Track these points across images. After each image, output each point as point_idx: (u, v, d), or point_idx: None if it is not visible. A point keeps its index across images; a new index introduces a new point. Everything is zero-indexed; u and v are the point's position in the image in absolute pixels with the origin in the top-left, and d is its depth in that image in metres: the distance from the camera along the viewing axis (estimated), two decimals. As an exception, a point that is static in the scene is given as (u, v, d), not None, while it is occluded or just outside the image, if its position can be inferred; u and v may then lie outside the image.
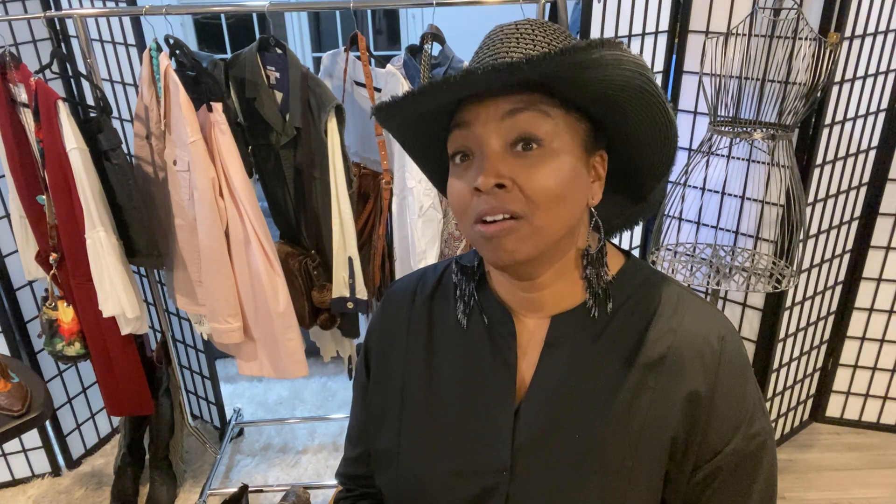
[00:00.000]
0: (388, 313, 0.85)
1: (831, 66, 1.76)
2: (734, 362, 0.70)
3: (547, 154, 0.64)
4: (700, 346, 0.69)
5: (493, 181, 0.63)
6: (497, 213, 0.64)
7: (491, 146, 0.64)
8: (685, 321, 0.71)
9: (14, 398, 1.53)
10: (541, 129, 0.64)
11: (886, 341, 2.37)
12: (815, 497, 2.20)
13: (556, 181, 0.64)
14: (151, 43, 1.67)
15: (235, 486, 2.08)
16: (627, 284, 0.74)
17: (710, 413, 0.69)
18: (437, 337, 0.80)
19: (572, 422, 0.71)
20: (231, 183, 1.73)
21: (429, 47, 1.75)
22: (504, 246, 0.65)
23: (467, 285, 0.78)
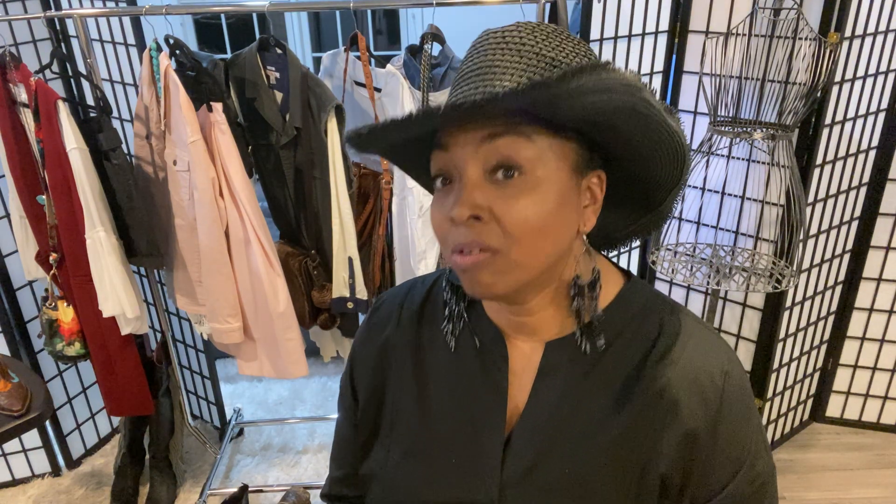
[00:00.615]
0: (374, 331, 0.81)
1: (831, 66, 1.76)
2: (737, 400, 0.66)
3: (529, 183, 0.59)
4: (701, 382, 0.65)
5: (467, 213, 0.59)
6: (472, 246, 0.60)
7: (468, 173, 0.60)
8: (686, 354, 0.67)
9: (14, 398, 1.53)
10: (522, 154, 0.59)
11: (886, 341, 2.37)
12: (815, 497, 2.20)
13: (536, 213, 0.59)
14: (151, 43, 1.67)
15: (235, 486, 2.08)
16: (625, 311, 0.69)
17: (710, 454, 0.65)
18: (425, 356, 0.76)
19: (563, 455, 0.68)
20: (231, 183, 1.73)
21: (429, 47, 1.75)
22: (479, 280, 0.61)
23: (458, 305, 0.74)
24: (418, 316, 0.78)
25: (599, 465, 0.67)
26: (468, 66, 0.63)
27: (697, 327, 0.69)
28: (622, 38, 1.90)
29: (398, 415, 0.76)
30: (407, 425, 0.75)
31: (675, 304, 0.72)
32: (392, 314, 0.80)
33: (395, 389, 0.77)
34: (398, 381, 0.77)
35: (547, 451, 0.68)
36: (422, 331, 0.77)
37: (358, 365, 0.82)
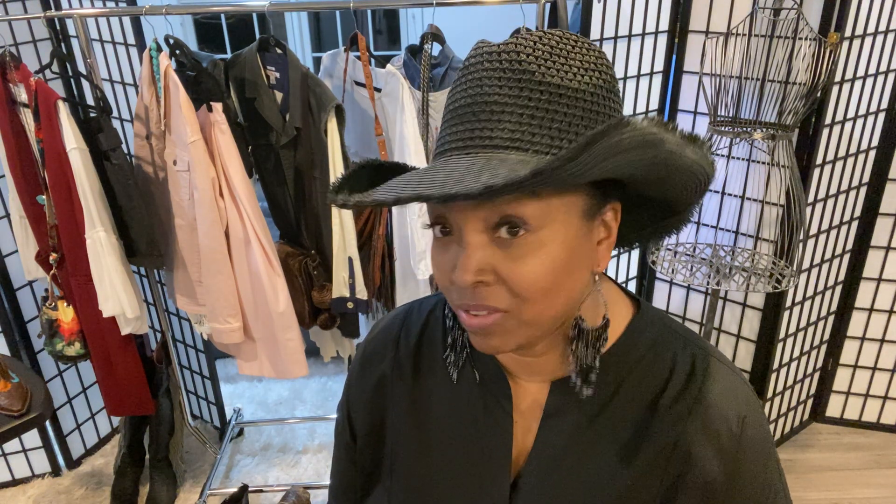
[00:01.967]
0: (370, 364, 0.76)
1: (831, 66, 1.76)
2: (756, 447, 0.63)
3: (535, 240, 0.54)
4: (717, 429, 0.61)
5: (471, 279, 0.54)
6: (479, 309, 0.56)
7: (468, 233, 0.54)
8: (701, 398, 0.62)
9: (14, 398, 1.53)
10: (526, 211, 0.53)
11: (886, 341, 2.37)
12: (815, 497, 2.20)
13: (546, 272, 0.54)
14: (151, 43, 1.67)
15: (235, 486, 2.08)
16: (635, 348, 0.65)
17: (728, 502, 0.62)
18: (424, 391, 0.72)
19: (570, 500, 0.64)
20: (231, 183, 1.73)
21: (429, 47, 1.75)
22: (488, 342, 0.58)
23: (461, 335, 0.69)
24: (416, 347, 0.73)
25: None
26: (461, 95, 0.56)
27: (712, 368, 0.64)
28: (622, 38, 1.90)
29: (398, 455, 0.73)
30: (407, 467, 0.72)
31: (687, 336, 0.67)
32: (388, 346, 0.75)
33: (393, 428, 0.73)
34: (396, 419, 0.73)
35: (554, 496, 0.65)
36: (420, 364, 0.73)
37: (354, 401, 0.78)
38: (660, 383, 0.63)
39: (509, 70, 0.53)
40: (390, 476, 0.73)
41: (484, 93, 0.54)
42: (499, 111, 0.53)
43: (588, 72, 0.55)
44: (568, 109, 0.54)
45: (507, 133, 0.53)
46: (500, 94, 0.53)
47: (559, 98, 0.53)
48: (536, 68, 0.53)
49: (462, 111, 0.55)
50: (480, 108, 0.54)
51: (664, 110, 2.14)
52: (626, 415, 0.63)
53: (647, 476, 0.62)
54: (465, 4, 1.73)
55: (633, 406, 0.63)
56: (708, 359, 0.64)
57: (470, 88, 0.55)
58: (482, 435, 0.68)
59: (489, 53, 0.55)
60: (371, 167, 0.63)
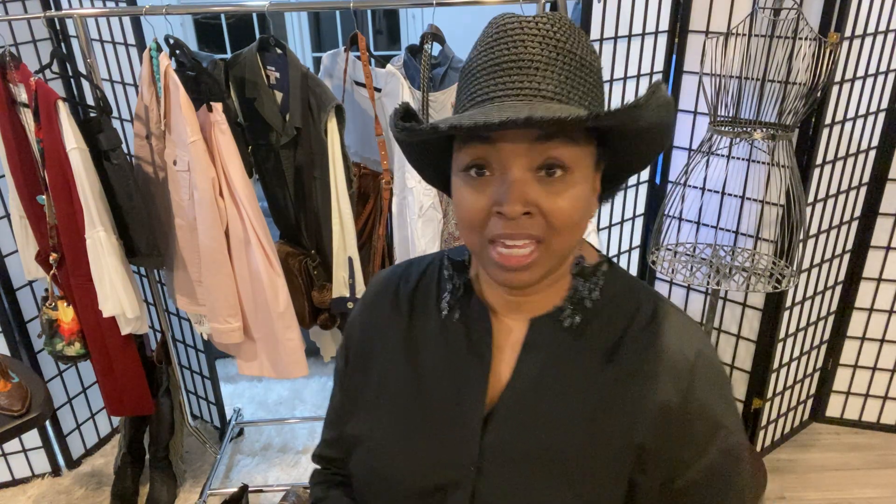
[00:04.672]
0: (370, 304, 0.86)
1: (831, 66, 1.76)
2: (709, 376, 0.70)
3: (569, 180, 0.64)
4: (675, 358, 0.69)
5: (520, 209, 0.62)
6: (519, 238, 0.64)
7: (516, 170, 0.63)
8: (661, 332, 0.71)
9: (14, 398, 1.53)
10: (568, 155, 0.63)
11: (886, 341, 2.37)
12: (815, 497, 2.20)
13: (575, 207, 0.64)
14: (151, 43, 1.67)
15: (235, 486, 2.08)
16: (608, 289, 0.74)
17: (683, 425, 0.69)
18: (416, 330, 0.80)
19: (542, 424, 0.71)
20: (231, 183, 1.73)
21: (429, 47, 1.75)
22: (520, 276, 0.66)
23: (459, 279, 0.78)
24: (413, 291, 0.82)
25: (577, 434, 0.70)
26: (501, 52, 0.64)
27: (672, 311, 0.74)
28: (622, 38, 1.90)
29: (386, 383, 0.79)
30: (394, 394, 0.79)
31: (651, 290, 0.76)
32: (389, 290, 0.84)
33: (384, 359, 0.81)
34: (389, 351, 0.81)
35: (527, 420, 0.71)
36: (415, 306, 0.81)
37: (353, 335, 0.86)
38: (626, 322, 0.72)
39: (547, 37, 0.63)
40: (376, 399, 0.80)
41: (528, 52, 0.63)
42: (543, 69, 0.63)
43: (591, 53, 0.66)
44: (587, 77, 0.65)
45: (553, 87, 0.63)
46: (542, 54, 0.63)
47: (581, 68, 0.64)
48: (566, 40, 0.64)
49: (507, 66, 0.63)
50: (527, 64, 0.63)
51: (664, 110, 2.14)
52: (596, 346, 0.72)
53: (612, 398, 0.70)
54: (465, 4, 1.73)
55: (602, 339, 0.72)
56: (669, 307, 0.74)
57: (513, 46, 0.63)
58: (464, 367, 0.75)
59: (527, 21, 0.64)
60: None
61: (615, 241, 2.25)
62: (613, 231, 2.22)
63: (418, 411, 0.77)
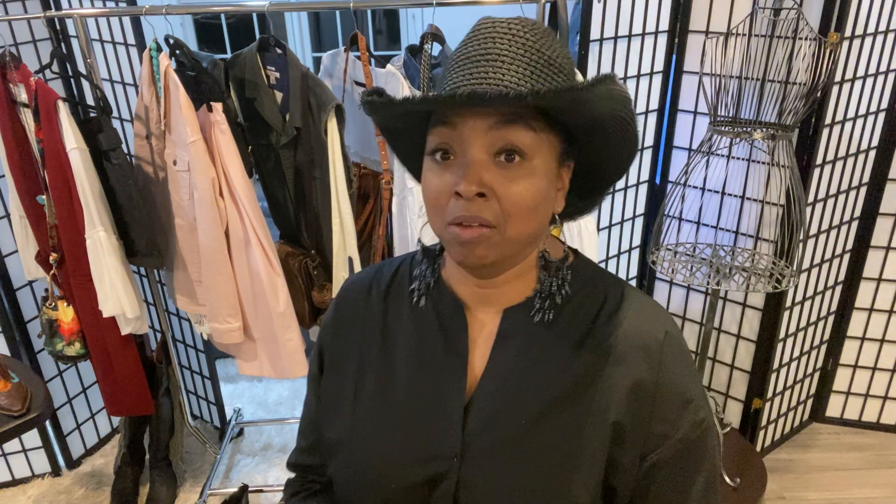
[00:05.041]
0: (343, 309, 0.86)
1: (831, 66, 1.76)
2: (677, 354, 0.74)
3: (527, 167, 0.66)
4: (644, 339, 0.73)
5: (475, 189, 0.65)
6: (473, 221, 0.66)
7: (476, 153, 0.66)
8: (630, 315, 0.74)
9: (14, 398, 1.53)
10: (525, 142, 0.65)
11: (886, 341, 2.37)
12: (815, 497, 2.20)
13: (531, 195, 0.67)
14: (151, 43, 1.67)
15: (235, 486, 2.08)
16: (577, 279, 0.77)
17: (655, 401, 0.72)
18: (391, 329, 0.81)
19: (520, 408, 0.73)
20: (231, 183, 1.73)
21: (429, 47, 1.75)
22: (475, 252, 0.68)
23: (428, 266, 0.81)
24: (386, 290, 0.84)
25: (555, 416, 0.72)
26: (473, 48, 0.67)
27: (639, 296, 0.78)
28: (622, 38, 1.90)
29: (364, 383, 0.80)
30: (373, 393, 0.80)
31: (617, 278, 0.80)
32: (361, 293, 0.85)
33: (361, 359, 0.82)
34: (365, 352, 0.82)
35: (506, 406, 0.74)
36: (388, 306, 0.83)
37: (327, 342, 0.87)
38: (596, 307, 0.75)
39: (517, 36, 0.67)
40: (354, 400, 0.80)
41: (496, 48, 0.66)
42: (508, 62, 0.66)
43: (565, 57, 0.70)
44: (555, 76, 0.67)
45: (515, 79, 0.65)
46: (508, 50, 0.66)
47: (549, 65, 0.67)
48: (535, 41, 0.67)
49: (475, 59, 0.67)
50: (493, 57, 0.66)
51: (664, 110, 2.14)
52: (568, 332, 0.75)
53: (586, 379, 0.73)
54: (465, 4, 1.73)
55: (574, 325, 0.75)
56: (635, 293, 0.78)
57: (483, 43, 0.67)
58: (441, 361, 0.77)
59: (500, 23, 0.67)
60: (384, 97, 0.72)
61: (615, 241, 2.25)
62: (613, 231, 2.22)
63: (399, 409, 0.78)
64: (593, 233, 1.84)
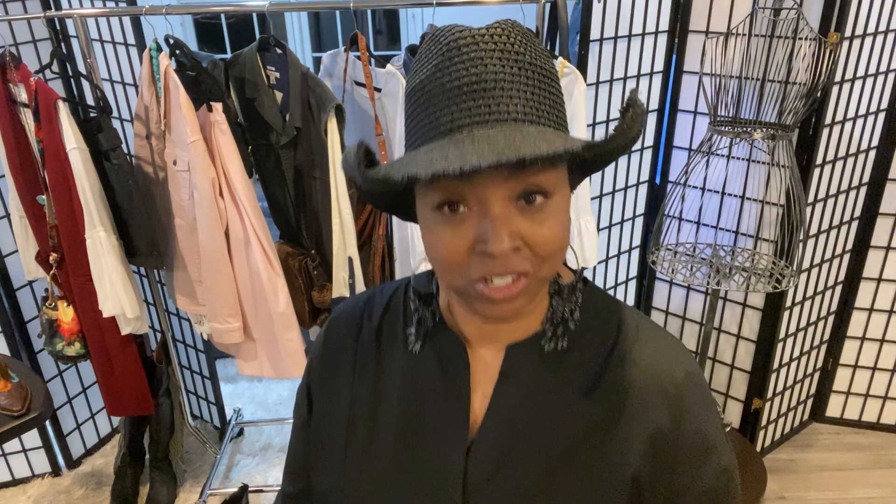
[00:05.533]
0: (332, 343, 0.79)
1: (831, 66, 1.76)
2: (699, 398, 0.68)
3: (550, 205, 0.59)
4: (664, 381, 0.66)
5: (510, 245, 0.57)
6: (507, 274, 0.59)
7: (496, 204, 0.57)
8: (647, 353, 0.67)
9: (14, 398, 1.53)
10: (547, 180, 0.58)
11: (886, 341, 2.37)
12: (815, 497, 2.20)
13: (560, 231, 0.60)
14: (151, 43, 1.67)
15: (235, 486, 2.08)
16: (587, 312, 0.70)
17: (676, 450, 0.66)
18: (385, 367, 0.74)
19: (527, 458, 0.67)
20: (231, 183, 1.73)
21: (429, 47, 1.74)
22: (510, 306, 0.61)
23: (425, 310, 0.73)
24: (378, 325, 0.76)
25: (566, 468, 0.66)
26: (460, 74, 0.58)
27: (655, 328, 0.71)
28: (622, 38, 1.90)
29: (356, 429, 0.74)
30: (364, 440, 0.73)
31: (630, 308, 0.73)
32: (351, 328, 0.78)
33: (353, 403, 0.75)
34: (357, 394, 0.75)
35: (510, 455, 0.67)
36: (381, 342, 0.76)
37: (315, 380, 0.80)
38: (608, 343, 0.68)
39: (506, 51, 0.58)
40: (346, 446, 0.74)
41: (489, 71, 0.57)
42: (508, 88, 0.57)
43: (548, 58, 0.61)
44: (549, 88, 0.60)
45: (521, 108, 0.57)
46: (504, 72, 0.57)
47: (544, 78, 0.59)
48: (524, 51, 0.58)
49: (469, 88, 0.57)
50: (490, 84, 0.57)
51: (664, 110, 2.14)
52: (577, 371, 0.68)
53: (600, 426, 0.66)
54: (465, 4, 1.73)
55: (584, 363, 0.68)
56: (651, 325, 0.71)
57: (472, 67, 0.57)
58: (440, 403, 0.70)
59: (481, 35, 0.58)
60: None
61: (615, 241, 2.25)
62: (613, 231, 2.22)
63: (395, 456, 0.71)
64: (593, 233, 1.84)
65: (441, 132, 0.58)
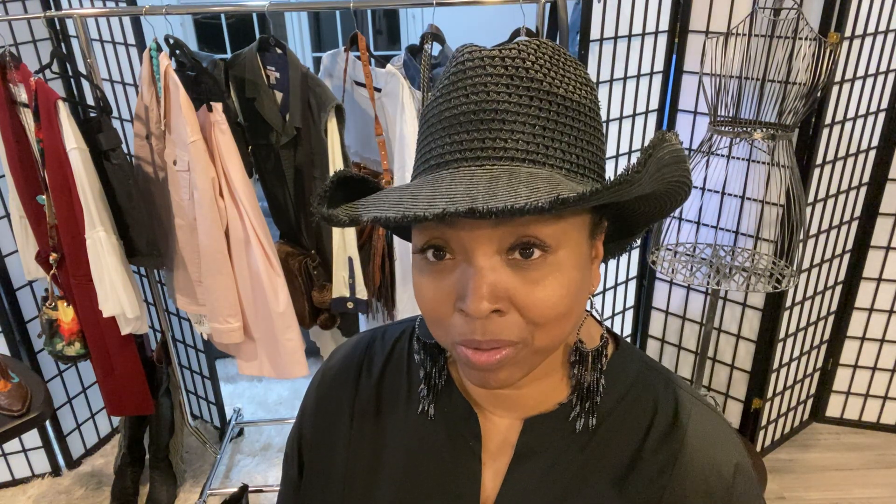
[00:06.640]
0: (327, 396, 0.69)
1: (831, 66, 1.76)
2: (748, 496, 0.57)
3: (552, 262, 0.49)
4: (708, 476, 0.56)
5: (487, 307, 0.48)
6: (490, 344, 0.50)
7: (481, 256, 0.48)
8: (689, 442, 0.57)
9: (14, 398, 1.53)
10: (547, 231, 0.48)
11: (886, 341, 2.37)
12: (815, 497, 2.20)
13: (563, 295, 0.50)
14: (151, 43, 1.67)
15: (235, 486, 2.08)
16: (618, 382, 0.60)
17: None
18: (385, 436, 0.65)
19: None
20: (231, 183, 1.73)
21: (429, 47, 1.75)
22: (497, 377, 0.52)
23: (433, 366, 0.63)
24: (378, 380, 0.67)
25: None
26: (459, 101, 0.50)
27: (700, 408, 0.60)
28: (622, 38, 1.90)
29: (352, 497, 0.65)
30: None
31: (668, 375, 0.62)
32: (349, 377, 0.69)
33: (348, 467, 0.66)
34: (353, 457, 0.66)
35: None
36: (382, 398, 0.67)
37: (307, 435, 0.71)
38: (643, 426, 0.58)
39: (517, 77, 0.49)
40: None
41: (492, 100, 0.49)
42: (511, 121, 0.49)
43: (582, 86, 0.53)
44: (573, 122, 0.51)
45: (523, 145, 0.49)
46: (510, 101, 0.49)
47: (566, 110, 0.51)
48: (543, 77, 0.50)
49: (466, 118, 0.50)
50: (490, 115, 0.49)
51: (664, 110, 2.14)
52: (604, 459, 0.58)
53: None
54: (465, 4, 1.73)
55: (613, 450, 0.58)
56: (692, 401, 0.60)
57: (473, 94, 0.50)
58: (447, 477, 0.61)
59: (491, 58, 0.50)
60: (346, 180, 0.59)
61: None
62: (613, 231, 2.22)
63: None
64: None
65: (431, 166, 0.52)
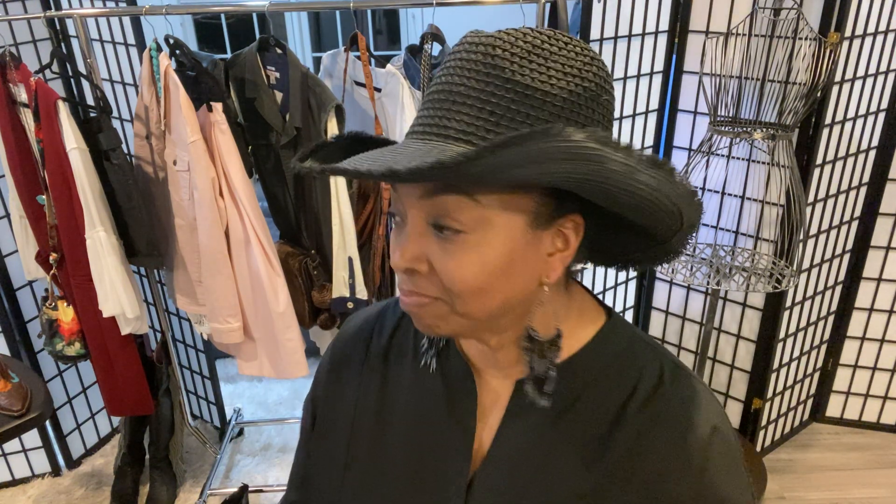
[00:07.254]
0: (340, 357, 0.76)
1: (831, 66, 1.76)
2: (725, 458, 0.60)
3: (464, 241, 0.54)
4: (686, 438, 0.59)
5: (403, 265, 0.56)
6: (412, 295, 0.58)
7: (411, 222, 0.56)
8: (669, 404, 0.60)
9: (14, 398, 1.53)
10: (461, 216, 0.53)
11: (886, 341, 2.37)
12: (815, 497, 2.20)
13: (476, 272, 0.54)
14: (151, 43, 1.67)
15: (235, 486, 2.08)
16: (602, 354, 0.63)
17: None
18: (391, 390, 0.71)
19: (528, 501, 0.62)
20: (231, 183, 1.73)
21: (429, 47, 1.75)
22: (421, 320, 0.59)
23: None
24: (387, 344, 0.74)
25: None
26: (436, 82, 0.56)
27: (682, 375, 0.63)
28: (622, 38, 1.90)
29: (356, 451, 0.72)
30: (364, 464, 0.71)
31: (657, 348, 0.65)
32: (360, 342, 0.76)
33: (355, 423, 0.73)
34: (360, 415, 0.72)
35: (511, 496, 0.63)
36: (390, 362, 0.73)
37: (321, 394, 0.78)
38: (626, 391, 0.62)
39: (480, 63, 0.53)
40: (347, 466, 0.72)
41: (453, 83, 0.54)
42: (460, 102, 0.53)
43: (567, 76, 0.53)
44: (532, 111, 0.52)
45: (462, 125, 0.52)
46: (465, 85, 0.53)
47: (525, 98, 0.52)
48: (508, 65, 0.52)
49: (431, 97, 0.56)
50: (445, 96, 0.54)
51: (664, 110, 2.14)
52: (590, 420, 0.62)
53: (610, 484, 0.60)
54: (465, 4, 1.73)
55: (597, 412, 0.62)
56: (677, 370, 0.63)
57: (444, 76, 0.55)
58: (444, 431, 0.67)
59: (469, 44, 0.54)
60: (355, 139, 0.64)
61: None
62: (613, 231, 2.22)
63: (394, 483, 0.68)
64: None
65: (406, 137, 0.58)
